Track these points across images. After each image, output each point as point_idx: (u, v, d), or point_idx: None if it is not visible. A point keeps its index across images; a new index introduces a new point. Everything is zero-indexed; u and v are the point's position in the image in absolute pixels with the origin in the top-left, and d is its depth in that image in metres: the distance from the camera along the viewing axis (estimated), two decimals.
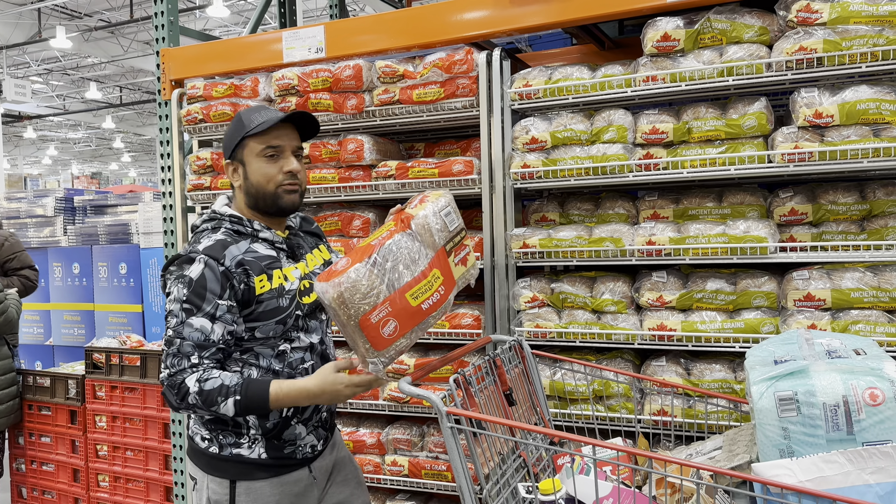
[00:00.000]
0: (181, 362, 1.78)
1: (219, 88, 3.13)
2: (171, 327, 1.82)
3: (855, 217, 2.42)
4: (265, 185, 1.92)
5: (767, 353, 1.79)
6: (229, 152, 1.96)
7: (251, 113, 1.94)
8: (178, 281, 1.83)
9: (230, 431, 1.91)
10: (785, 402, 1.60)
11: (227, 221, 1.93)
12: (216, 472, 1.92)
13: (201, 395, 1.75)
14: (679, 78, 2.43)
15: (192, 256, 1.84)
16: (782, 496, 1.49)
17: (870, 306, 2.27)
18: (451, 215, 1.92)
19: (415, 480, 2.89)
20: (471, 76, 2.70)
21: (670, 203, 2.66)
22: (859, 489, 1.49)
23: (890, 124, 2.22)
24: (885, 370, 1.58)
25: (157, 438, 3.72)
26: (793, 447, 1.59)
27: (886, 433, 1.54)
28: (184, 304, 1.81)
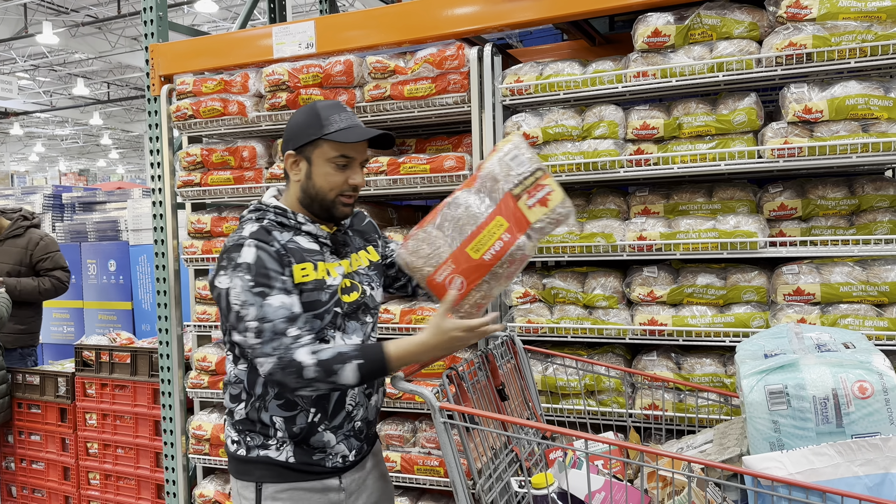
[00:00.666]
0: (281, 341, 1.69)
1: (208, 84, 3.11)
2: (252, 318, 1.70)
3: (844, 212, 2.43)
4: (326, 192, 1.86)
5: (757, 347, 1.81)
6: (297, 145, 1.85)
7: (330, 111, 1.84)
8: (235, 271, 1.73)
9: (258, 433, 1.86)
10: (775, 395, 1.61)
11: (270, 213, 1.87)
12: (243, 476, 1.87)
13: (319, 365, 1.67)
14: (669, 74, 2.43)
15: (240, 242, 1.77)
16: (773, 489, 1.50)
17: (858, 300, 2.29)
18: (519, 157, 1.83)
19: (407, 476, 2.89)
20: (462, 72, 2.70)
21: (661, 198, 2.67)
22: (849, 481, 1.51)
23: (878, 119, 2.23)
24: (874, 363, 1.59)
25: (147, 436, 3.70)
26: (783, 440, 1.60)
27: (875, 425, 1.56)
28: (253, 290, 1.71)
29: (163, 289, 3.34)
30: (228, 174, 3.12)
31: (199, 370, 3.25)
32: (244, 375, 1.88)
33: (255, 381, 1.86)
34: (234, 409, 1.91)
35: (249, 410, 1.87)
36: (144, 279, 5.12)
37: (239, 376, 1.89)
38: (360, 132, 1.83)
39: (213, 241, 3.21)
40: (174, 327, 3.32)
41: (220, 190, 3.15)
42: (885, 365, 1.59)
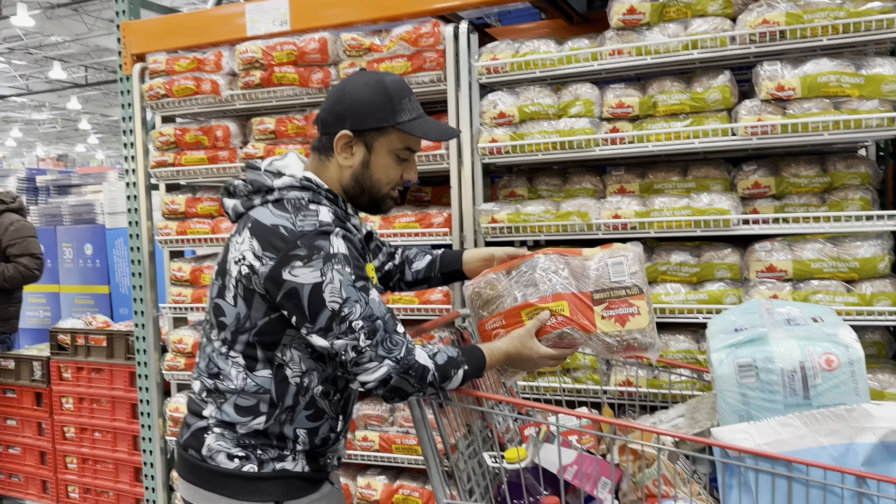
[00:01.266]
0: (398, 340, 1.52)
1: (181, 63, 3.07)
2: (359, 317, 1.49)
3: (816, 190, 2.45)
4: (383, 185, 1.67)
5: (728, 322, 1.82)
6: (360, 127, 1.61)
7: (402, 94, 1.64)
8: (329, 263, 1.49)
9: (274, 446, 1.63)
10: (744, 368, 1.63)
11: (323, 196, 1.63)
12: (256, 496, 1.60)
13: (438, 370, 1.55)
14: (645, 51, 2.43)
15: (326, 230, 1.52)
16: (740, 459, 1.52)
17: (829, 276, 2.31)
18: (621, 267, 1.75)
19: (385, 455, 2.90)
20: (438, 50, 2.68)
21: (637, 178, 2.68)
22: (814, 451, 1.53)
23: (850, 97, 2.25)
24: (840, 336, 1.62)
25: (125, 419, 3.69)
26: (752, 412, 1.62)
27: (841, 397, 1.58)
28: (356, 284, 1.50)
29: (137, 271, 3.31)
30: (202, 154, 3.08)
31: (175, 352, 3.23)
32: (270, 385, 1.61)
33: (286, 390, 1.62)
34: (241, 423, 1.62)
35: (271, 425, 1.62)
36: (121, 262, 5.06)
37: (262, 385, 1.61)
38: (442, 129, 1.68)
39: (188, 223, 3.18)
40: (149, 310, 3.30)
41: (195, 170, 3.11)
42: (851, 337, 1.61)
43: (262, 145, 2.98)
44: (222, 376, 1.64)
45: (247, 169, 1.67)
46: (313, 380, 1.64)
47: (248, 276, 1.56)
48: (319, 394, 1.66)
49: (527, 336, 1.68)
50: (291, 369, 1.62)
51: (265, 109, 3.11)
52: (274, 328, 1.59)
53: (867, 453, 1.51)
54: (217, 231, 3.11)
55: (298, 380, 1.63)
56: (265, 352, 1.60)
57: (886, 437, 1.51)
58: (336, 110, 1.63)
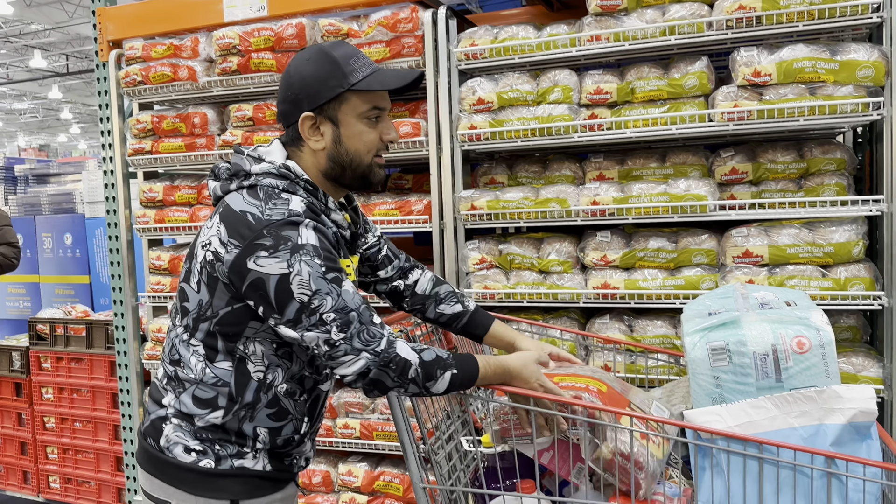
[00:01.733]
0: (375, 332, 1.44)
1: (158, 49, 3.03)
2: (330, 309, 1.41)
3: (793, 175, 2.46)
4: (363, 155, 1.55)
5: (703, 306, 1.83)
6: (316, 103, 1.51)
7: (348, 55, 1.52)
8: (296, 254, 1.42)
9: (232, 442, 1.55)
10: (717, 351, 1.64)
11: (301, 187, 1.53)
12: (211, 493, 1.53)
13: (423, 366, 1.45)
14: (622, 37, 2.43)
15: (295, 220, 1.45)
16: (712, 441, 1.54)
17: (805, 261, 2.33)
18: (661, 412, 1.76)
19: (366, 442, 2.91)
20: (416, 35, 2.67)
21: (616, 164, 2.68)
22: (785, 432, 1.55)
23: (825, 83, 2.26)
24: (812, 319, 1.63)
25: (105, 409, 3.67)
26: (724, 395, 1.63)
27: (812, 379, 1.59)
28: (327, 276, 1.42)
29: (116, 260, 3.28)
30: (180, 141, 3.06)
31: (154, 341, 3.21)
32: (229, 377, 1.53)
33: (247, 384, 1.54)
34: (198, 415, 1.54)
35: (229, 420, 1.54)
36: (101, 252, 5.02)
37: (222, 378, 1.53)
38: (399, 73, 1.55)
39: (166, 211, 3.15)
40: (128, 299, 3.27)
41: (172, 158, 3.09)
42: (822, 320, 1.62)
43: (240, 132, 2.96)
44: (182, 364, 1.56)
45: (233, 153, 1.60)
46: (277, 377, 1.55)
47: (213, 262, 1.49)
48: (283, 392, 1.57)
49: (532, 360, 1.62)
50: (253, 363, 1.54)
51: (243, 96, 3.08)
52: (236, 319, 1.51)
53: (836, 434, 1.52)
54: (195, 219, 3.09)
55: (261, 375, 1.54)
56: (226, 342, 1.53)
57: (855, 417, 1.52)
58: (289, 97, 1.55)
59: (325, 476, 2.99)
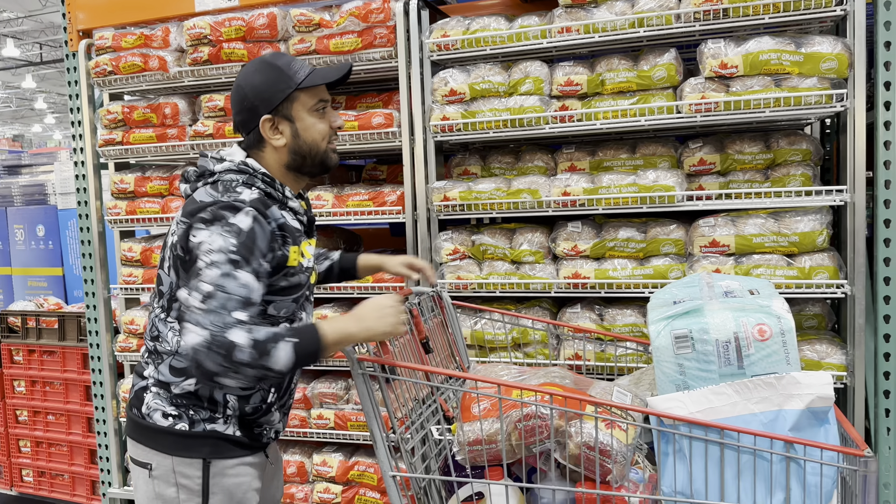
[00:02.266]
0: (225, 319, 1.49)
1: (128, 39, 3.00)
2: (210, 280, 1.51)
3: (760, 166, 2.50)
4: (319, 143, 1.75)
5: (669, 295, 1.86)
6: (272, 106, 1.70)
7: (287, 61, 1.73)
8: (224, 230, 1.56)
9: (204, 408, 1.70)
10: (680, 339, 1.67)
11: (259, 180, 1.70)
12: (185, 452, 1.68)
13: (254, 346, 1.47)
14: (592, 29, 2.45)
15: (238, 206, 1.59)
16: (675, 427, 1.56)
17: (770, 251, 2.37)
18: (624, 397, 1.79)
19: (341, 433, 2.92)
20: (388, 26, 2.67)
21: (587, 155, 2.71)
22: (745, 418, 1.58)
23: (790, 74, 2.29)
24: (773, 307, 1.66)
25: (78, 401, 3.64)
26: (688, 382, 1.66)
27: (773, 366, 1.63)
28: (231, 255, 1.54)
29: (87, 252, 3.26)
30: (151, 132, 3.03)
31: (127, 333, 3.20)
32: None
33: None
34: (174, 382, 1.70)
35: (201, 387, 1.69)
36: (74, 244, 4.96)
37: None
38: (334, 68, 1.75)
39: (138, 202, 3.13)
40: (100, 290, 3.25)
41: (143, 148, 3.06)
42: (783, 308, 1.66)
43: (212, 122, 2.94)
44: (160, 339, 1.72)
45: (199, 157, 1.77)
46: None
47: (174, 245, 1.67)
48: None
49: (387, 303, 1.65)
50: None
51: (214, 86, 3.06)
52: None
53: (795, 419, 1.55)
54: (167, 210, 3.07)
55: None
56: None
57: (812, 403, 1.56)
58: (246, 106, 1.72)
59: (299, 466, 3.00)
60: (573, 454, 1.65)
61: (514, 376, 1.91)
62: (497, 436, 1.71)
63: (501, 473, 1.74)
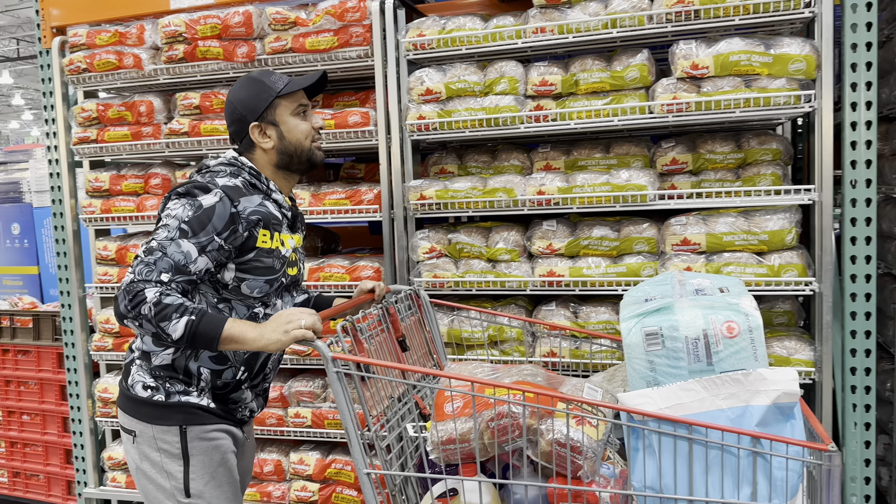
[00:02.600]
0: (150, 274, 1.70)
1: (102, 36, 2.98)
2: (158, 239, 1.75)
3: (731, 165, 2.54)
4: (303, 142, 1.97)
5: (642, 292, 1.87)
6: (258, 114, 1.93)
7: (268, 75, 1.96)
8: (188, 203, 1.79)
9: (179, 380, 1.88)
10: (651, 336, 1.69)
11: (245, 172, 1.92)
12: (163, 421, 1.86)
13: (158, 305, 1.65)
14: (566, 30, 2.47)
15: (210, 187, 1.81)
16: (644, 423, 1.58)
17: (741, 249, 2.41)
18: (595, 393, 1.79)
19: (318, 431, 2.92)
20: (364, 24, 2.67)
21: (562, 154, 2.73)
22: (713, 414, 1.60)
23: (759, 75, 2.33)
24: (742, 305, 1.68)
25: (53, 401, 3.61)
26: (658, 378, 1.67)
27: (742, 363, 1.65)
28: (182, 224, 1.76)
29: (62, 250, 3.23)
30: (126, 130, 3.01)
31: (102, 332, 3.18)
32: None
33: None
34: (154, 352, 1.88)
35: (178, 357, 1.87)
36: (50, 242, 4.91)
37: None
38: (308, 76, 1.98)
39: (113, 200, 3.11)
40: (75, 289, 3.23)
41: (118, 147, 3.04)
42: (751, 306, 1.68)
43: (187, 120, 2.93)
44: None
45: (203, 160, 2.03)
46: None
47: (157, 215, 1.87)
48: None
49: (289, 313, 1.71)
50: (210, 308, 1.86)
51: (190, 84, 3.05)
52: None
53: (761, 415, 1.57)
54: (143, 209, 3.05)
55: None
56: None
57: (779, 398, 1.57)
58: (235, 117, 1.96)
59: (276, 465, 3.00)
60: (545, 451, 1.66)
61: (488, 374, 1.92)
62: (470, 434, 1.71)
63: (475, 470, 1.75)
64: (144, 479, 1.90)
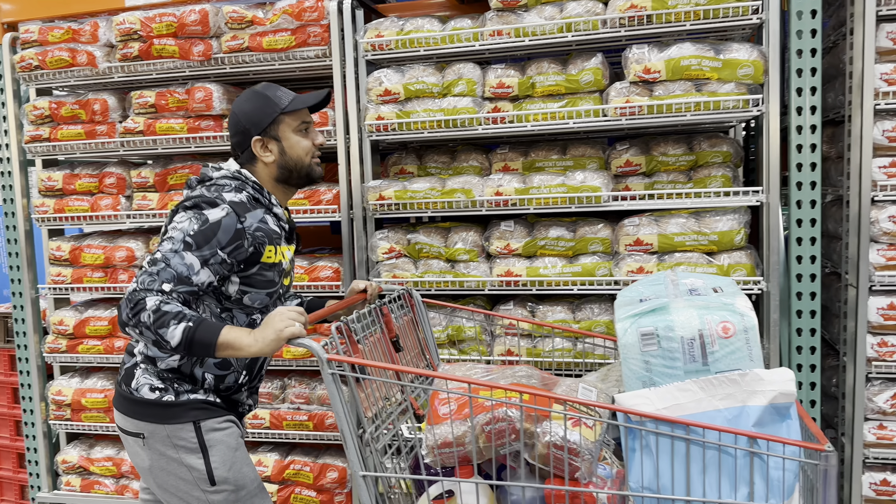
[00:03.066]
0: (153, 284, 1.74)
1: (55, 33, 2.93)
2: (163, 251, 1.79)
3: (683, 167, 2.60)
4: (304, 157, 2.01)
5: (636, 293, 1.84)
6: (261, 129, 1.96)
7: (273, 90, 1.99)
8: (195, 216, 1.82)
9: (186, 382, 1.93)
10: (646, 336, 1.64)
11: (249, 186, 1.96)
12: (176, 419, 1.90)
13: (157, 313, 1.69)
14: (523, 33, 2.50)
15: (217, 202, 1.85)
16: (641, 423, 1.54)
17: (691, 249, 2.47)
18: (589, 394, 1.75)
19: (276, 432, 2.91)
20: (322, 24, 2.67)
21: (520, 156, 2.76)
22: (710, 414, 1.56)
23: (709, 80, 2.38)
24: (737, 305, 1.64)
25: (6, 404, 3.53)
26: (654, 378, 1.63)
27: (737, 363, 1.61)
28: (187, 237, 1.79)
29: (14, 250, 3.17)
30: (80, 128, 2.96)
31: (56, 334, 3.12)
32: None
33: None
34: (162, 357, 1.92)
35: (184, 364, 1.92)
36: (2, 242, 4.80)
37: None
38: (313, 95, 2.03)
39: (66, 200, 3.06)
40: (27, 290, 3.17)
41: (72, 145, 2.99)
42: (746, 306, 1.63)
43: (143, 119, 2.89)
44: None
45: (202, 167, 2.03)
46: None
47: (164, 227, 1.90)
48: None
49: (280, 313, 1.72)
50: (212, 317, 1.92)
51: (145, 82, 3.01)
52: None
53: (758, 415, 1.55)
54: (97, 208, 3.01)
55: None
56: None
57: (775, 399, 1.55)
58: (239, 129, 1.99)
59: None
60: (542, 454, 1.63)
61: (482, 376, 1.85)
62: (465, 438, 1.68)
63: (471, 471, 1.70)
64: (164, 474, 1.93)
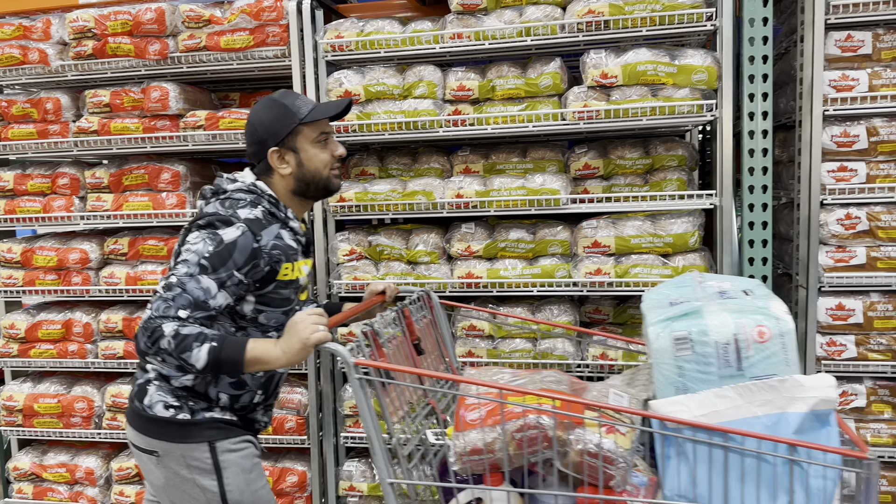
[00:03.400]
0: (168, 310, 1.68)
1: (5, 30, 2.86)
2: (178, 275, 1.72)
3: (640, 171, 2.64)
4: (322, 170, 1.94)
5: (663, 296, 1.81)
6: (278, 139, 1.90)
7: (292, 98, 1.92)
8: (209, 237, 1.76)
9: (202, 400, 1.87)
10: (680, 341, 1.61)
11: (265, 200, 1.90)
12: (190, 439, 1.84)
13: (176, 337, 1.63)
14: (483, 36, 2.51)
15: (233, 221, 1.79)
16: (679, 431, 1.52)
17: (647, 251, 2.51)
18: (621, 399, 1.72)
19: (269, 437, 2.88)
20: (281, 24, 2.65)
21: (481, 158, 2.78)
22: (748, 421, 1.54)
23: (665, 85, 2.43)
24: (772, 309, 1.62)
25: None
26: (687, 384, 1.61)
27: (772, 368, 1.59)
28: (202, 260, 1.73)
29: None
30: (32, 128, 2.89)
31: (7, 338, 3.04)
32: None
33: None
34: (176, 376, 1.86)
35: (198, 383, 1.86)
36: None
37: None
38: (333, 104, 1.95)
39: (17, 201, 2.98)
40: None
41: (23, 145, 2.92)
42: (781, 310, 1.62)
43: (97, 119, 2.83)
44: None
45: (216, 178, 1.95)
46: None
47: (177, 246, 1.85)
48: None
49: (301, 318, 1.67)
50: None
51: (100, 81, 2.95)
52: None
53: (798, 422, 1.53)
54: (49, 209, 2.94)
55: None
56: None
57: (816, 406, 1.54)
58: (255, 139, 1.92)
59: None
60: (574, 462, 1.59)
61: (509, 382, 1.81)
62: (494, 444, 1.63)
63: (501, 478, 1.66)
64: (178, 493, 1.88)
